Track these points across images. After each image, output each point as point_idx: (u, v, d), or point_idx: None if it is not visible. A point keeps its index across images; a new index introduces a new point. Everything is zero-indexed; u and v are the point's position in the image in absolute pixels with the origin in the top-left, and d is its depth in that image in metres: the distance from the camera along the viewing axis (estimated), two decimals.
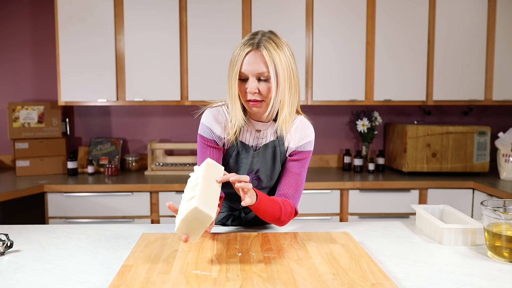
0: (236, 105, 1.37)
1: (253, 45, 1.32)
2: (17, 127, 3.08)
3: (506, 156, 2.91)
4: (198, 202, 1.08)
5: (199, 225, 1.11)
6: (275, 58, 1.30)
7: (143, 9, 2.99)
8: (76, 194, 2.80)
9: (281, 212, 1.40)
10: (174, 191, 2.81)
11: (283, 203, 1.41)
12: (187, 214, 1.08)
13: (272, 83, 1.32)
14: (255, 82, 1.32)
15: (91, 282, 1.08)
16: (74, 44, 2.99)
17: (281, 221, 1.42)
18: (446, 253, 1.30)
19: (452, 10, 3.06)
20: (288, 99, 1.35)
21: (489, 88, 3.12)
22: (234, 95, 1.36)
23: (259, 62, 1.31)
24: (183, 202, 1.16)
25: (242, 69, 1.32)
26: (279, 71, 1.31)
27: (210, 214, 1.09)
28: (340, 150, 3.48)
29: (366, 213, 2.90)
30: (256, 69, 1.31)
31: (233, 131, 1.41)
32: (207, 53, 3.00)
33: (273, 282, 1.04)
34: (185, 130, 3.41)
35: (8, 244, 1.29)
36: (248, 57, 1.31)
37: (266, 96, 1.34)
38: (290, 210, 1.43)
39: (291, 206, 1.45)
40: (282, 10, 3.01)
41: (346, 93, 3.09)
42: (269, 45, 1.31)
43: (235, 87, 1.35)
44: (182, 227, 1.11)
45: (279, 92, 1.33)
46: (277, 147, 1.45)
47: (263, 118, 1.42)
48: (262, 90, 1.33)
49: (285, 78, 1.32)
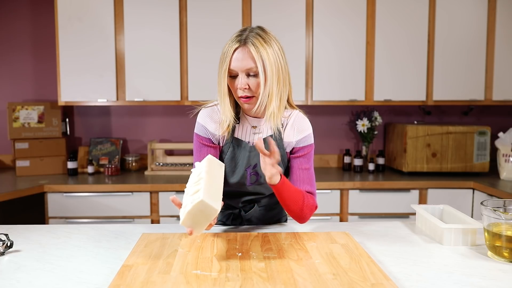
0: (225, 102, 1.40)
1: (240, 42, 1.34)
2: (17, 127, 3.08)
3: (506, 156, 2.91)
4: (204, 195, 1.10)
5: (204, 218, 1.13)
6: (262, 53, 1.33)
7: (143, 8, 2.99)
8: (76, 194, 2.80)
9: (304, 202, 1.40)
10: (174, 191, 2.81)
11: (305, 194, 1.42)
12: (193, 207, 1.10)
13: (260, 78, 1.34)
14: (245, 78, 1.35)
15: (91, 282, 1.08)
16: (74, 44, 2.99)
17: (303, 213, 1.42)
18: (446, 253, 1.30)
19: (452, 10, 3.06)
20: (276, 92, 1.37)
21: (489, 88, 3.12)
22: (224, 92, 1.38)
23: (247, 58, 1.33)
24: (186, 196, 1.18)
25: (231, 66, 1.35)
26: (266, 66, 1.33)
27: (216, 207, 1.11)
28: (340, 150, 3.48)
29: (366, 213, 2.90)
30: (245, 65, 1.33)
31: (225, 128, 1.43)
32: (207, 53, 3.00)
33: (273, 282, 1.04)
34: (185, 130, 3.41)
35: (8, 244, 1.29)
36: (236, 53, 1.34)
37: (255, 92, 1.36)
38: (312, 203, 1.44)
39: (313, 199, 1.46)
40: (282, 10, 3.01)
41: (346, 93, 3.09)
42: (256, 41, 1.33)
43: (224, 84, 1.37)
44: (188, 220, 1.13)
45: (267, 86, 1.35)
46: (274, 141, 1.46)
47: (253, 113, 1.45)
48: (252, 85, 1.35)
49: (273, 72, 1.34)
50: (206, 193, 1.11)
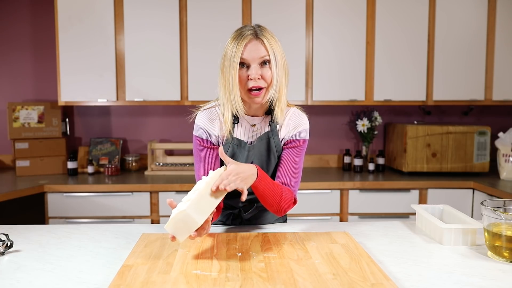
0: (235, 94, 1.38)
1: (251, 35, 1.37)
2: (17, 127, 3.08)
3: (506, 156, 2.91)
4: (189, 206, 1.14)
5: (185, 228, 1.16)
6: (273, 45, 1.38)
7: (143, 9, 2.99)
8: (76, 194, 2.80)
9: (282, 197, 1.40)
10: (174, 191, 2.81)
11: (283, 189, 1.42)
12: (176, 214, 1.15)
13: (273, 68, 1.37)
14: (258, 68, 1.37)
15: (91, 282, 1.08)
16: (74, 44, 2.99)
17: (280, 207, 1.41)
18: (446, 253, 1.30)
19: (452, 10, 3.06)
20: (284, 87, 1.42)
21: (489, 88, 3.12)
22: (234, 84, 1.37)
23: (260, 48, 1.37)
24: (182, 201, 1.20)
25: (243, 55, 1.36)
26: (277, 57, 1.38)
27: (197, 220, 1.15)
28: (340, 150, 3.48)
29: (366, 213, 2.90)
30: (258, 54, 1.36)
31: (229, 123, 1.43)
32: (207, 53, 3.00)
33: (273, 282, 1.04)
34: (185, 130, 3.41)
35: (8, 244, 1.29)
36: (250, 45, 1.36)
37: (268, 82, 1.38)
38: (290, 197, 1.43)
39: (291, 193, 1.44)
40: (282, 10, 3.01)
41: (346, 93, 3.09)
42: (267, 34, 1.39)
43: (235, 76, 1.36)
44: (170, 225, 1.16)
45: (278, 78, 1.39)
46: (271, 138, 1.47)
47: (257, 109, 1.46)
48: (265, 75, 1.37)
49: (282, 66, 1.40)
50: (192, 205, 1.15)
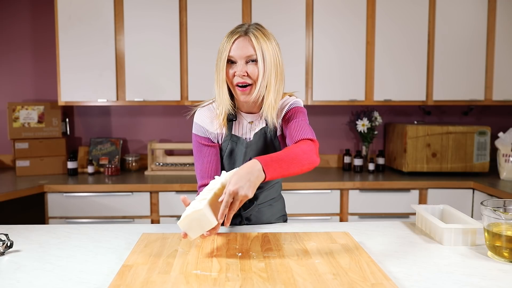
0: (223, 89, 1.41)
1: (241, 32, 1.39)
2: (17, 127, 3.08)
3: (506, 156, 2.91)
4: (206, 206, 1.15)
5: (199, 227, 1.17)
6: (262, 44, 1.38)
7: (143, 9, 2.99)
8: (76, 194, 2.80)
9: (301, 161, 1.28)
10: (174, 191, 2.81)
11: (297, 152, 1.29)
12: (191, 212, 1.15)
13: (259, 66, 1.37)
14: (244, 65, 1.38)
15: (91, 282, 1.08)
16: (74, 44, 2.99)
17: (307, 167, 1.30)
18: (446, 253, 1.30)
19: (452, 10, 3.06)
20: (274, 85, 1.41)
21: (489, 88, 3.12)
22: (222, 79, 1.41)
23: (248, 46, 1.37)
24: (196, 199, 1.22)
25: (230, 53, 1.38)
26: (265, 56, 1.38)
27: (212, 221, 1.16)
28: (340, 150, 3.48)
29: (366, 213, 2.90)
30: (245, 53, 1.37)
31: (221, 118, 1.44)
32: (207, 53, 3.00)
33: (273, 282, 1.04)
34: (185, 130, 3.41)
35: (8, 244, 1.29)
36: (237, 42, 1.38)
37: (254, 79, 1.39)
38: (309, 150, 1.31)
39: (306, 144, 1.33)
40: (282, 10, 3.01)
41: (346, 93, 3.09)
42: (257, 33, 1.39)
43: (223, 72, 1.40)
44: (184, 223, 1.17)
45: (265, 76, 1.38)
46: (267, 133, 1.48)
47: (248, 108, 1.47)
48: (251, 72, 1.38)
49: (271, 64, 1.39)
50: (208, 206, 1.16)
